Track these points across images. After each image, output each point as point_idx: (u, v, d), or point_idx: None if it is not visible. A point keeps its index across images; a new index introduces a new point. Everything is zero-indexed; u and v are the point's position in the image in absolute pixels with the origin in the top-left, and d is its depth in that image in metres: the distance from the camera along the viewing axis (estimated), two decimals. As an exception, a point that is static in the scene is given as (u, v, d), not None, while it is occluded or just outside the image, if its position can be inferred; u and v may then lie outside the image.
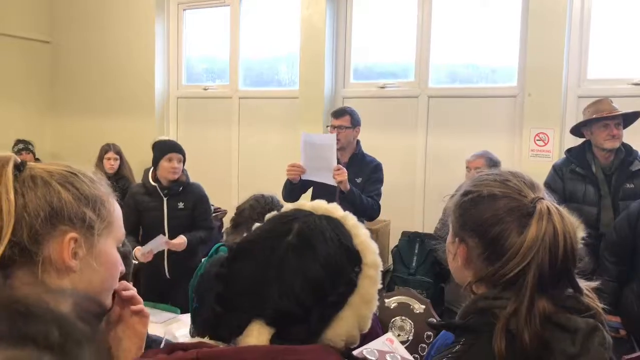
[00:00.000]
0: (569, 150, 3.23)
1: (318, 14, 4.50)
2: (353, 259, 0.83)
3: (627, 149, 3.07)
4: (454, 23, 4.27)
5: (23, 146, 4.99)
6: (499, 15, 4.13)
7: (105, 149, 4.74)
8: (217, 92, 5.24)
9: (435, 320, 1.14)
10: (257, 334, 0.78)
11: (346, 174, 3.30)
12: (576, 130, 3.19)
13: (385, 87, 4.49)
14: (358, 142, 3.62)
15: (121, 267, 0.97)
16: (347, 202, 3.23)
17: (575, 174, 3.08)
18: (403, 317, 2.39)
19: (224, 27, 5.15)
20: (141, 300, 1.00)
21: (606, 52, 3.83)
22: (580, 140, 3.22)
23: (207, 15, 5.31)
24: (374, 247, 0.87)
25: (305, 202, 0.93)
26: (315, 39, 4.52)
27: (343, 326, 0.80)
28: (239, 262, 0.85)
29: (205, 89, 5.30)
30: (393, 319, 2.39)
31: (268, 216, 0.91)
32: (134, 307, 0.98)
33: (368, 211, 3.41)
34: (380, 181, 3.56)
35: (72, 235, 0.85)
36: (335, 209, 0.90)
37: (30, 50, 5.73)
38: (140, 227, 3.51)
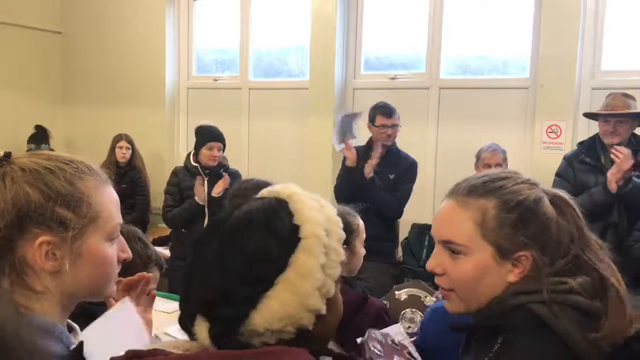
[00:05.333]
0: (581, 143, 3.24)
1: (329, 4, 4.46)
2: (285, 237, 0.82)
3: (637, 140, 3.08)
4: (465, 14, 4.23)
5: (36, 145, 5.05)
6: (512, 6, 4.08)
7: (118, 138, 4.77)
8: (227, 83, 5.24)
9: (458, 323, 1.10)
10: (198, 327, 0.81)
11: (352, 156, 3.39)
12: (590, 116, 3.22)
13: (396, 79, 4.46)
14: None
15: (125, 255, 0.96)
16: (366, 190, 3.26)
17: (585, 164, 3.09)
18: (413, 309, 2.38)
19: (234, 18, 5.14)
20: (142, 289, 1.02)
21: (621, 43, 3.77)
22: (592, 133, 3.22)
23: (217, 5, 5.29)
24: (317, 218, 0.84)
25: (270, 188, 0.92)
26: (325, 30, 4.50)
27: (275, 305, 0.78)
28: (193, 254, 0.87)
29: (215, 80, 5.29)
30: (403, 311, 2.38)
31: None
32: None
33: (383, 207, 3.38)
34: (411, 180, 3.56)
35: (44, 239, 0.83)
36: (283, 189, 0.89)
37: (43, 41, 5.75)
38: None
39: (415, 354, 1.34)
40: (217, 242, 0.83)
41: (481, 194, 1.01)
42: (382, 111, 3.52)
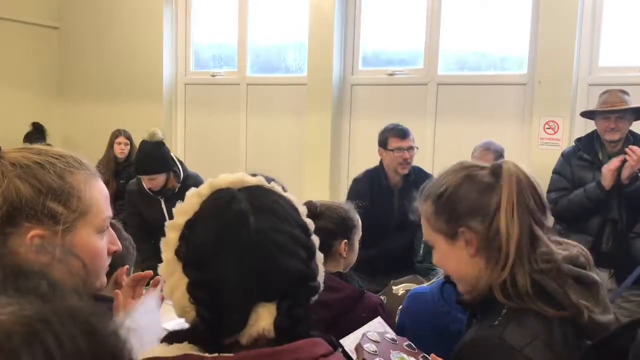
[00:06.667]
0: (578, 139, 3.25)
1: (327, 0, 4.46)
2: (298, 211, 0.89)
3: (635, 137, 3.09)
4: (463, 10, 4.23)
5: (31, 143, 5.04)
6: (509, 2, 4.08)
7: (116, 134, 4.77)
8: (225, 78, 5.23)
9: (463, 299, 1.22)
10: (267, 315, 0.80)
11: None
12: (586, 114, 3.22)
13: (394, 75, 4.46)
14: None
15: (115, 247, 0.97)
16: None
17: (582, 160, 3.11)
18: (410, 304, 2.39)
19: (232, 13, 5.13)
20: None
21: (618, 40, 3.78)
22: (590, 129, 3.23)
23: (215, 1, 5.28)
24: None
25: (218, 180, 0.88)
26: (323, 25, 4.49)
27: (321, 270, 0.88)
28: (209, 269, 0.81)
29: (213, 76, 5.29)
30: (400, 306, 2.39)
31: (188, 208, 0.86)
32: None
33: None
34: None
35: (35, 233, 0.84)
36: (253, 180, 0.89)
37: (39, 37, 5.73)
38: (145, 226, 3.39)
39: (413, 345, 1.35)
40: (263, 230, 0.82)
41: (424, 198, 1.23)
42: (396, 133, 3.14)
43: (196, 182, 3.36)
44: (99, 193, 0.93)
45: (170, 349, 0.81)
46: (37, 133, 5.27)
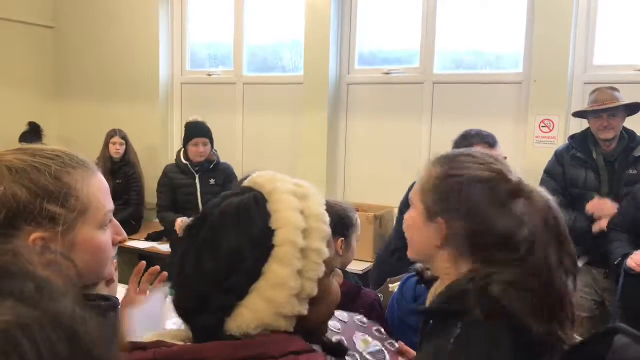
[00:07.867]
0: (572, 137, 3.25)
1: (323, -1, 4.46)
2: (258, 244, 0.79)
3: (629, 135, 3.08)
4: (459, 9, 4.24)
5: (31, 137, 5.02)
6: (505, 1, 4.10)
7: (111, 134, 4.75)
8: (221, 77, 5.23)
9: (423, 306, 1.17)
10: (185, 327, 0.83)
11: None
12: (578, 114, 3.22)
13: (390, 73, 4.47)
14: None
15: (120, 238, 0.98)
16: None
17: (576, 159, 3.10)
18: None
19: (228, 12, 5.12)
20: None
21: (613, 38, 3.80)
22: (585, 126, 3.23)
23: (211, 0, 5.28)
24: (295, 222, 0.80)
25: (255, 178, 0.89)
26: (319, 24, 4.49)
27: (248, 314, 0.77)
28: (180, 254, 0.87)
29: (209, 75, 5.28)
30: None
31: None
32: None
33: None
34: None
35: (36, 235, 0.84)
36: (267, 183, 0.85)
37: (34, 36, 5.71)
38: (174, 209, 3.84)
39: (382, 331, 1.36)
40: (197, 244, 0.83)
41: (437, 162, 1.13)
42: (484, 140, 2.68)
43: (225, 168, 3.93)
44: (97, 189, 0.93)
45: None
46: (33, 132, 5.24)
